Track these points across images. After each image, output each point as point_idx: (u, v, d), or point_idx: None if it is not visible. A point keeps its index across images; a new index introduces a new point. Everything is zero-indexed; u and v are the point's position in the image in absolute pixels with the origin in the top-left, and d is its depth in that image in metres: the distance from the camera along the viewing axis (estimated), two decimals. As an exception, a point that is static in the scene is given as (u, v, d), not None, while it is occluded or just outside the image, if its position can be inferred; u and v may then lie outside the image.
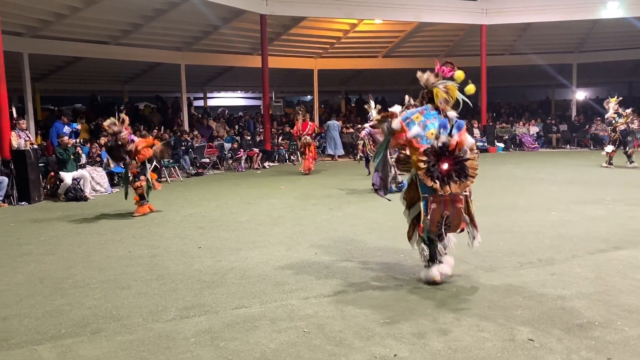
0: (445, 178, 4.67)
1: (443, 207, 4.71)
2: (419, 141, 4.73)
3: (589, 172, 13.11)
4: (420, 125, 4.79)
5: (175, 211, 9.11)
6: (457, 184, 4.70)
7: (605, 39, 22.49)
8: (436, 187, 4.65)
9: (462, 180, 4.72)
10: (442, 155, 4.71)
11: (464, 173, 4.73)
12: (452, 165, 4.71)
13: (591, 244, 6.05)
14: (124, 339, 3.87)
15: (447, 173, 4.67)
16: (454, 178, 4.69)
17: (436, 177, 4.65)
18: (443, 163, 4.69)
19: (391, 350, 3.55)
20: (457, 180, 4.70)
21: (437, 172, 4.66)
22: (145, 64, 20.42)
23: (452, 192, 4.68)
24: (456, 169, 4.71)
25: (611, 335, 3.67)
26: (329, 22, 19.57)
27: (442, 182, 4.66)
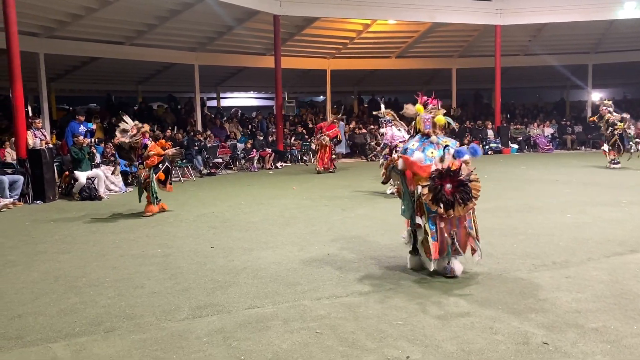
0: (451, 200, 4.83)
1: (450, 226, 4.94)
2: (422, 162, 4.99)
3: (604, 174, 12.96)
4: (419, 149, 5.09)
5: (188, 211, 9.15)
6: (462, 207, 4.87)
7: (622, 40, 22.22)
8: (440, 212, 4.86)
9: (467, 203, 4.88)
10: (447, 177, 4.88)
11: (467, 195, 4.87)
12: (456, 186, 4.86)
13: (607, 247, 5.98)
14: (138, 338, 3.89)
15: (451, 194, 4.84)
16: (458, 201, 4.84)
17: (441, 201, 4.83)
18: (447, 184, 4.87)
19: (404, 352, 3.54)
20: (461, 204, 4.86)
21: (444, 197, 4.84)
22: (160, 65, 20.53)
23: (456, 215, 4.87)
24: (460, 191, 4.86)
25: (627, 339, 3.63)
26: (342, 22, 19.55)
27: (446, 205, 4.83)
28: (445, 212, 4.84)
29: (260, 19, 17.31)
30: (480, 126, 21.86)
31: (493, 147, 20.65)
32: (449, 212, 4.84)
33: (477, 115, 24.60)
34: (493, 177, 13.02)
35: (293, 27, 19.19)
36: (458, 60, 23.72)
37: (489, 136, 21.08)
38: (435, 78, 26.53)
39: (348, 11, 18.25)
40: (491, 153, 20.39)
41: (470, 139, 20.51)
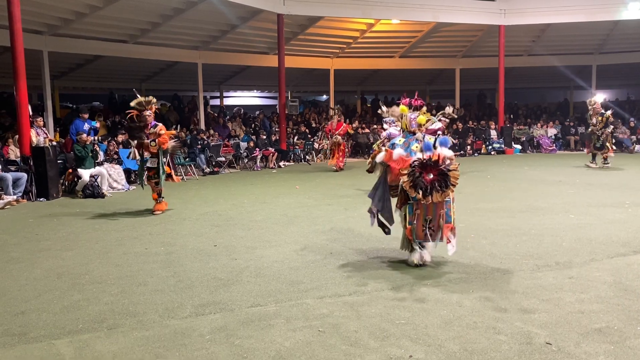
0: (429, 188, 5.15)
1: (426, 212, 5.30)
2: (407, 156, 5.34)
3: (607, 175, 12.93)
4: (405, 145, 5.44)
5: (191, 209, 9.16)
6: (439, 194, 5.17)
7: (626, 41, 22.17)
8: (419, 198, 5.17)
9: (444, 190, 5.18)
10: (428, 167, 5.21)
11: (446, 183, 5.18)
12: (437, 175, 5.19)
13: (610, 248, 5.97)
14: (140, 335, 3.89)
15: (431, 183, 5.16)
16: (436, 187, 5.16)
17: (420, 187, 5.15)
18: (428, 174, 5.20)
19: (407, 351, 3.54)
20: (439, 190, 5.16)
21: (422, 183, 5.16)
22: (163, 63, 20.57)
23: (434, 201, 5.19)
24: (439, 179, 5.18)
25: (630, 340, 3.62)
26: (346, 21, 19.55)
27: (424, 192, 5.15)
28: (424, 198, 5.15)
29: (264, 17, 17.32)
30: (483, 126, 21.83)
31: (496, 147, 20.64)
32: (427, 198, 5.16)
33: (480, 115, 24.59)
34: (496, 178, 13.02)
35: (297, 26, 19.20)
36: (461, 61, 23.70)
37: (492, 136, 21.05)
38: (438, 78, 26.53)
39: (352, 10, 18.25)
40: (494, 153, 20.38)
41: (473, 139, 20.53)
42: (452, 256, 5.59)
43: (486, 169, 15.02)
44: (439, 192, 5.16)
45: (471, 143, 20.26)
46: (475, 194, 10.42)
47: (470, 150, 20.05)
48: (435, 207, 5.27)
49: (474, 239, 6.51)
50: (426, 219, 5.30)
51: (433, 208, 5.27)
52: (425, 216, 5.30)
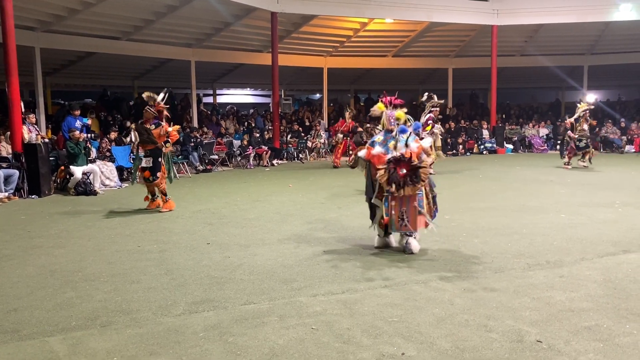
0: (402, 182, 5.66)
1: (401, 204, 5.77)
2: (385, 153, 5.87)
3: (598, 175, 13.04)
4: (383, 142, 5.97)
5: (184, 207, 9.15)
6: (411, 188, 5.69)
7: (617, 42, 22.33)
8: (392, 191, 5.70)
9: (415, 184, 5.69)
10: (401, 162, 5.72)
11: (417, 178, 5.68)
12: (409, 170, 5.69)
13: (600, 247, 6.03)
14: (134, 333, 3.90)
15: (404, 177, 5.66)
16: (408, 182, 5.67)
17: (393, 182, 5.67)
18: (401, 169, 5.70)
19: (399, 348, 3.57)
20: (410, 184, 5.67)
21: (395, 177, 5.68)
22: (156, 60, 20.49)
23: (406, 194, 5.70)
24: (411, 174, 5.68)
25: (619, 338, 3.67)
26: (339, 20, 19.56)
27: (398, 186, 5.67)
28: (397, 192, 5.69)
29: (257, 15, 17.30)
30: (475, 126, 21.92)
31: (488, 147, 20.73)
32: (400, 191, 5.68)
33: (472, 115, 24.67)
34: (488, 177, 13.10)
35: (290, 24, 19.19)
36: (454, 60, 23.78)
37: (484, 136, 21.15)
38: (431, 77, 26.58)
39: (346, 9, 18.26)
40: (486, 153, 20.47)
41: (465, 138, 20.62)
42: (445, 254, 5.76)
43: (478, 168, 15.10)
44: (410, 186, 5.68)
45: (463, 142, 20.34)
46: (468, 193, 10.48)
47: (463, 150, 20.13)
48: (408, 199, 5.78)
49: (466, 238, 6.56)
50: (401, 210, 5.79)
51: (407, 200, 5.78)
52: (401, 208, 5.80)
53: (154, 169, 8.72)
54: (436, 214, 6.22)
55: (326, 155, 19.64)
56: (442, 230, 6.97)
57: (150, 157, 8.74)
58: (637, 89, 30.01)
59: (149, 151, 8.73)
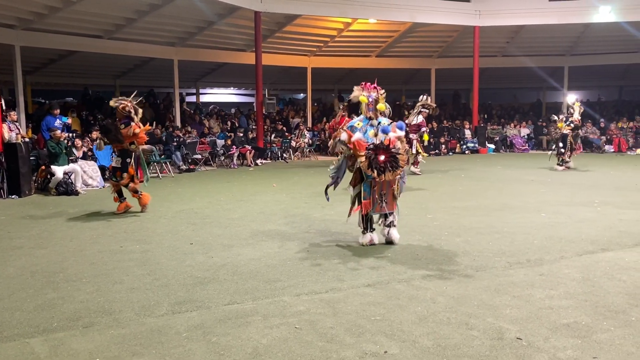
0: (382, 168, 5.98)
1: (381, 187, 6.16)
2: (364, 141, 6.15)
3: (578, 175, 13.24)
4: (362, 130, 6.25)
5: (167, 207, 9.11)
6: (391, 173, 6.05)
7: (597, 43, 22.66)
8: (374, 176, 6.03)
9: (395, 170, 6.06)
10: (381, 150, 6.03)
11: (396, 164, 6.05)
12: (388, 157, 6.02)
13: (579, 246, 6.13)
14: (117, 333, 3.89)
15: (384, 163, 5.98)
16: (388, 168, 6.01)
17: (374, 167, 5.99)
18: (380, 155, 6.02)
19: (382, 347, 3.60)
20: (390, 170, 6.03)
21: (376, 163, 5.98)
22: (138, 59, 20.33)
23: (386, 179, 6.08)
24: (390, 161, 6.02)
25: (597, 335, 3.74)
26: (323, 20, 19.60)
27: (379, 171, 6.00)
28: (378, 177, 6.02)
29: (241, 15, 17.26)
30: (457, 126, 22.11)
31: (470, 146, 20.92)
32: (381, 177, 6.02)
33: (455, 115, 24.88)
34: (470, 177, 13.22)
35: (274, 23, 19.17)
36: (437, 61, 23.95)
37: (466, 136, 21.34)
38: (414, 77, 26.76)
39: (329, 9, 18.29)
40: (468, 153, 20.66)
41: (448, 138, 20.79)
42: (427, 253, 5.83)
43: (461, 168, 15.23)
44: (390, 172, 6.02)
45: (446, 142, 20.51)
46: (450, 192, 10.57)
47: (445, 150, 20.29)
48: (388, 184, 6.17)
49: (448, 237, 6.62)
50: (381, 193, 6.18)
51: (387, 184, 6.17)
52: (380, 191, 6.18)
53: (122, 169, 8.53)
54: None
55: (310, 154, 19.66)
56: (425, 229, 7.05)
57: (119, 157, 8.59)
58: (616, 90, 30.54)
59: (119, 151, 8.61)
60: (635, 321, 3.94)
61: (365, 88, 6.38)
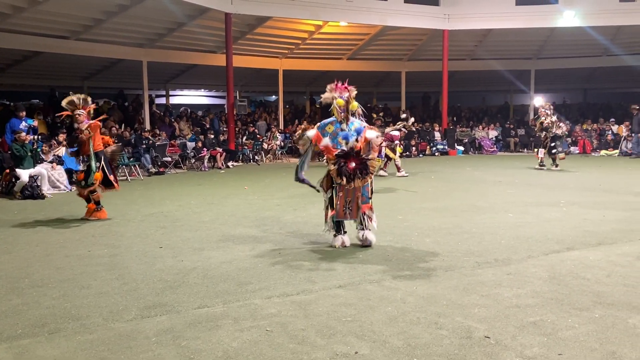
0: (352, 175, 5.94)
1: (347, 194, 6.14)
2: (334, 147, 6.10)
3: (545, 176, 13.52)
4: (333, 134, 6.17)
5: (136, 210, 8.99)
6: (360, 180, 6.01)
7: (562, 47, 23.23)
8: (343, 183, 6.01)
9: (364, 177, 6.02)
10: (351, 156, 6.00)
11: (366, 171, 6.01)
12: (358, 164, 5.98)
13: (546, 245, 6.26)
14: (84, 339, 3.82)
15: (354, 170, 5.95)
16: (358, 175, 5.97)
17: (344, 175, 5.94)
18: (351, 162, 5.97)
19: (352, 347, 3.62)
20: (360, 177, 5.99)
21: (345, 170, 5.94)
22: (107, 60, 20.04)
23: (355, 186, 6.04)
24: (360, 168, 5.98)
25: (562, 332, 3.82)
26: (294, 22, 19.61)
27: (348, 178, 5.96)
28: (347, 184, 5.99)
29: (211, 16, 17.16)
30: (427, 128, 22.36)
31: (440, 148, 21.21)
32: (350, 184, 5.99)
33: (424, 117, 25.17)
34: (440, 178, 13.39)
35: (245, 25, 19.11)
36: (407, 64, 24.20)
37: (436, 138, 21.62)
38: (385, 80, 26.98)
39: (300, 12, 18.33)
40: (438, 154, 20.94)
41: (418, 140, 21.02)
42: (398, 254, 5.86)
43: (430, 169, 15.41)
44: (360, 179, 5.99)
45: (416, 144, 20.72)
46: (420, 193, 10.69)
47: (415, 152, 20.50)
48: (354, 191, 6.12)
49: (418, 238, 6.69)
50: (346, 200, 6.16)
51: (352, 191, 6.13)
52: (346, 198, 6.16)
53: (87, 174, 8.28)
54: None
55: (282, 157, 19.65)
56: (395, 230, 7.10)
57: (87, 161, 8.33)
58: (580, 93, 31.30)
59: (87, 156, 8.32)
60: (598, 318, 4.04)
61: (337, 88, 6.30)
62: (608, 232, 6.88)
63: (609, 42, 21.89)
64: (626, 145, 19.94)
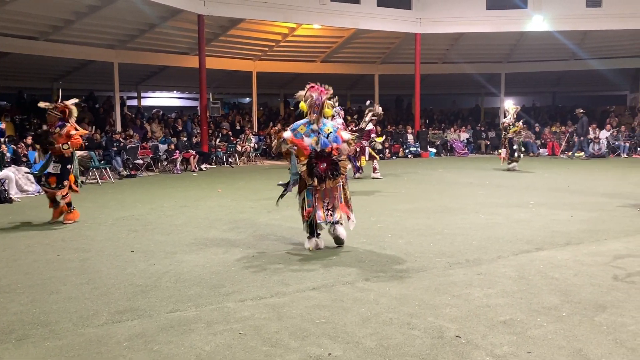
0: (323, 176, 6.01)
1: (324, 195, 6.16)
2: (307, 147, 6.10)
3: (514, 177, 13.76)
4: (306, 135, 6.17)
5: (107, 214, 8.86)
6: (332, 181, 6.08)
7: (532, 51, 23.69)
8: (315, 185, 6.06)
9: (336, 178, 6.08)
10: (322, 157, 6.06)
11: (337, 172, 6.07)
12: (329, 165, 6.05)
13: (515, 245, 6.38)
14: (53, 345, 3.75)
15: (325, 171, 6.02)
16: (329, 176, 6.05)
17: (315, 176, 6.01)
18: (322, 163, 6.05)
19: (326, 349, 3.63)
20: (331, 178, 6.06)
21: (317, 172, 6.02)
22: (77, 62, 19.72)
23: (327, 187, 6.10)
24: (331, 169, 6.05)
25: (531, 330, 3.90)
26: (267, 25, 19.60)
27: (320, 180, 6.03)
28: (319, 185, 6.04)
29: (184, 18, 17.03)
30: (400, 130, 22.56)
31: (413, 150, 21.41)
32: (322, 185, 6.05)
33: (398, 120, 25.38)
34: (413, 180, 13.51)
35: (218, 27, 19.01)
36: (380, 67, 24.38)
37: (409, 140, 21.82)
38: (359, 83, 27.13)
39: (274, 14, 18.33)
40: (411, 156, 21.14)
41: (391, 142, 21.18)
42: (371, 255, 5.91)
43: (403, 171, 15.54)
44: (331, 180, 6.06)
45: (389, 147, 20.88)
46: (393, 195, 10.77)
47: (389, 154, 20.66)
48: (330, 191, 6.17)
49: (391, 239, 6.74)
50: (324, 201, 6.17)
51: (329, 192, 6.17)
52: (324, 199, 6.17)
53: (61, 177, 8.13)
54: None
55: (256, 159, 19.58)
56: (369, 232, 7.15)
57: (59, 163, 8.17)
58: (549, 96, 31.95)
59: (58, 157, 8.17)
60: (566, 317, 4.14)
61: (314, 90, 6.30)
62: (576, 232, 7.04)
63: (577, 46, 22.43)
64: (593, 147, 20.42)
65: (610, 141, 20.95)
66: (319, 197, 6.15)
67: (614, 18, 19.87)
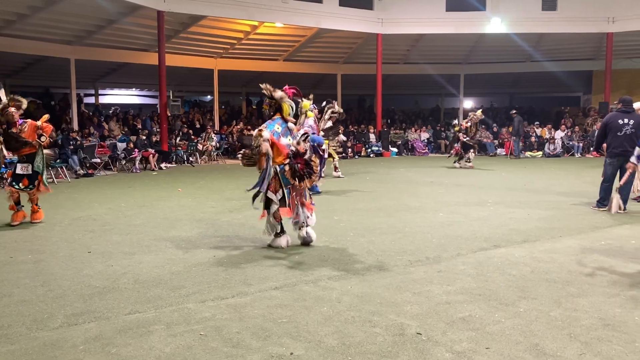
0: (302, 175, 6.14)
1: (298, 195, 6.32)
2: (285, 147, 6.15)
3: (472, 176, 14.03)
4: (282, 134, 6.20)
5: (62, 214, 8.62)
6: (308, 180, 6.23)
7: (490, 53, 24.22)
8: (296, 184, 6.16)
9: (311, 177, 6.23)
10: (297, 157, 6.18)
11: (311, 171, 6.20)
12: (303, 164, 6.17)
13: (474, 243, 6.50)
14: (5, 350, 3.62)
15: (301, 171, 6.14)
16: (306, 175, 6.16)
17: (297, 175, 6.13)
18: (297, 162, 6.15)
19: (288, 349, 3.62)
20: (308, 177, 6.19)
21: (298, 172, 6.13)
22: (31, 57, 19.11)
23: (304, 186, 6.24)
24: (307, 168, 6.17)
25: (490, 326, 3.98)
26: (229, 22, 19.43)
27: (300, 179, 6.16)
28: (299, 184, 6.17)
29: (143, 14, 16.72)
30: (362, 130, 22.72)
31: (375, 150, 21.59)
32: (301, 184, 6.18)
33: (360, 119, 25.55)
34: (375, 179, 13.62)
35: (178, 24, 18.74)
36: (343, 67, 24.50)
37: (371, 140, 22.00)
38: (322, 82, 27.17)
39: (235, 11, 18.18)
40: (373, 156, 21.31)
41: (354, 142, 21.31)
42: (333, 254, 5.94)
43: (365, 170, 15.65)
44: (308, 179, 6.19)
45: (352, 146, 21.01)
46: (356, 194, 10.83)
47: (351, 153, 20.78)
48: (298, 191, 6.30)
49: (353, 238, 6.78)
50: (296, 200, 6.31)
51: (298, 192, 6.31)
52: (296, 198, 6.31)
53: (32, 176, 7.89)
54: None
55: (218, 158, 19.39)
56: (331, 230, 7.17)
57: (27, 162, 7.89)
58: (507, 97, 32.72)
59: (25, 156, 7.91)
60: (523, 312, 4.24)
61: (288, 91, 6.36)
62: (532, 230, 7.22)
63: (533, 48, 23.03)
64: (549, 147, 21.01)
65: (565, 141, 21.60)
66: (295, 195, 6.28)
67: (568, 21, 20.51)
